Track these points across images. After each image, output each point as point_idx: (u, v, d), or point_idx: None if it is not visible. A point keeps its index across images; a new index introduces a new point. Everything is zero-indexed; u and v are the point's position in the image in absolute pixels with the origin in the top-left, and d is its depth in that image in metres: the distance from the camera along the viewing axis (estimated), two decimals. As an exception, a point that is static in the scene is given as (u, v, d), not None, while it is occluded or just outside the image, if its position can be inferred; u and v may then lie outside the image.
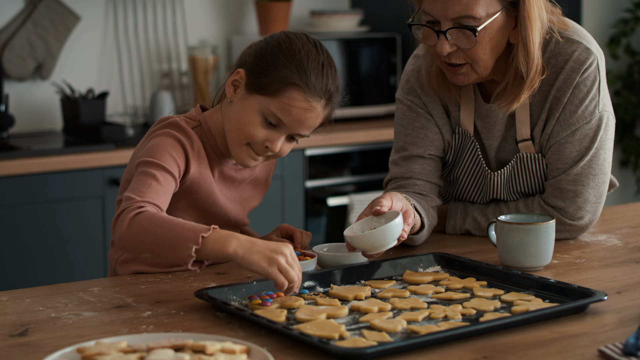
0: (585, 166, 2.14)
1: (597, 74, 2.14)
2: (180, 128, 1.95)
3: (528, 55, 2.06)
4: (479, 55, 2.05)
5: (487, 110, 2.19)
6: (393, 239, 1.88)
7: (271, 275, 1.68)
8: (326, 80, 1.92)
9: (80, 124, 3.71)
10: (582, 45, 2.14)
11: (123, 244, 1.79)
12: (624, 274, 1.93)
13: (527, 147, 2.18)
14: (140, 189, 1.83)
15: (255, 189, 2.10)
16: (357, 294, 1.76)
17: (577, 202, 2.15)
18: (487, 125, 2.20)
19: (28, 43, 3.85)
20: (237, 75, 1.95)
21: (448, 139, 2.22)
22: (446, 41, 2.03)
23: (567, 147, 2.14)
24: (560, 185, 2.15)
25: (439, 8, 2.02)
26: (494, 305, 1.71)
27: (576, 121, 2.14)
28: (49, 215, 3.39)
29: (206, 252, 1.71)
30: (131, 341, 1.50)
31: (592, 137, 2.15)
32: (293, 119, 1.91)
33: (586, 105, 2.14)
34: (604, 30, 4.98)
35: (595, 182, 2.16)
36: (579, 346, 1.52)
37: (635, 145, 4.94)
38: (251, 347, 1.46)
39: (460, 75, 2.09)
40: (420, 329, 1.58)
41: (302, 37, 1.95)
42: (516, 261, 1.95)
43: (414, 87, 2.24)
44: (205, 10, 4.26)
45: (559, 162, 2.15)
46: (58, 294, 1.82)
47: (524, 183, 2.20)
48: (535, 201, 2.19)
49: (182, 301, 1.77)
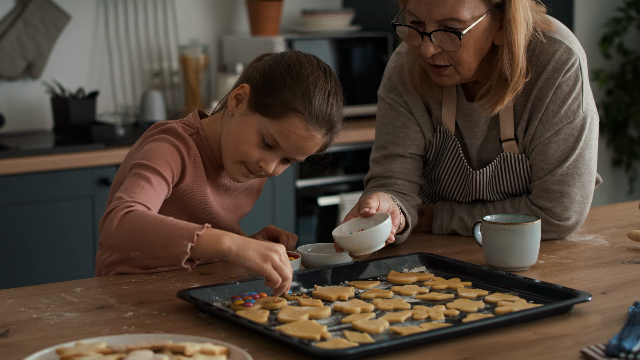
0: (571, 166, 2.14)
1: (579, 74, 2.13)
2: (177, 135, 1.93)
3: (513, 58, 2.05)
4: (463, 57, 2.04)
5: (470, 109, 2.18)
6: (381, 240, 1.88)
7: (265, 272, 1.67)
8: (330, 110, 1.90)
9: (70, 123, 3.70)
10: (564, 45, 2.13)
11: (112, 242, 1.77)
12: (610, 274, 1.92)
13: (511, 147, 2.17)
14: (132, 190, 1.81)
15: (248, 197, 2.09)
16: (341, 295, 1.76)
17: (563, 203, 2.14)
18: (469, 125, 2.19)
19: (18, 42, 3.84)
20: (241, 90, 1.93)
21: (429, 138, 2.22)
22: (430, 43, 2.02)
23: (552, 148, 2.14)
24: (546, 186, 2.15)
25: (424, 10, 2.00)
26: (477, 306, 1.70)
27: (559, 121, 2.13)
28: (38, 215, 3.38)
29: (200, 249, 1.70)
30: (111, 342, 1.49)
31: (576, 136, 2.14)
32: (291, 144, 1.89)
33: (569, 105, 2.13)
34: (596, 30, 4.97)
35: (581, 181, 2.15)
36: (561, 347, 1.51)
37: (627, 144, 4.93)
38: (231, 348, 1.45)
39: (444, 76, 2.08)
40: (402, 330, 1.57)
41: (312, 61, 1.93)
42: (502, 261, 1.94)
43: (395, 85, 2.23)
44: (196, 10, 4.25)
45: (544, 162, 2.15)
46: (41, 294, 1.81)
47: (508, 183, 2.19)
48: (522, 201, 2.18)
49: (164, 302, 1.76)
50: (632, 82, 4.87)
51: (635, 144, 4.94)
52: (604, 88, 4.99)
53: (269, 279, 1.67)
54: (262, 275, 1.68)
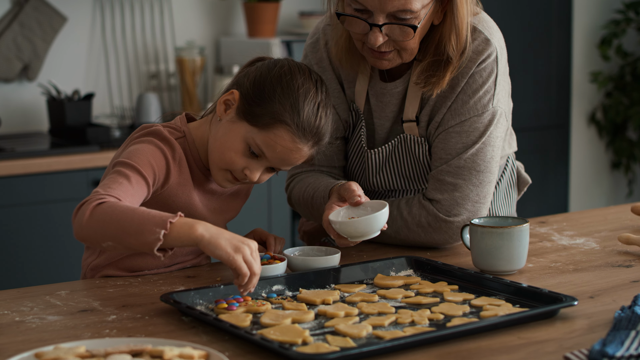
0: (469, 159, 2.06)
1: (494, 67, 2.07)
2: (163, 137, 1.92)
3: (459, 39, 2.00)
4: (410, 44, 1.99)
5: (383, 89, 2.12)
6: (378, 228, 1.89)
7: (235, 262, 1.65)
8: (318, 122, 1.89)
9: (66, 125, 3.69)
10: (483, 36, 2.06)
11: (84, 233, 1.75)
12: (599, 278, 1.91)
13: (411, 128, 2.10)
14: (109, 185, 1.80)
15: (235, 201, 2.08)
16: (325, 298, 1.74)
17: (454, 197, 2.05)
18: (381, 105, 2.12)
19: (14, 44, 3.83)
20: (230, 96, 1.92)
21: (345, 118, 2.16)
22: (380, 33, 1.95)
23: (454, 137, 2.06)
24: (440, 177, 2.07)
25: (375, 1, 1.93)
26: (462, 310, 1.69)
27: (467, 111, 2.06)
28: (33, 217, 3.38)
29: (173, 237, 1.68)
30: (91, 346, 1.48)
31: (481, 131, 2.06)
32: (277, 155, 1.88)
33: (480, 97, 2.06)
34: (595, 32, 4.96)
35: (478, 179, 2.06)
36: (544, 352, 1.50)
37: (626, 147, 4.92)
38: (210, 352, 1.44)
39: (385, 60, 2.02)
40: (385, 334, 1.56)
41: (305, 71, 1.91)
42: (490, 265, 1.93)
43: (311, 64, 2.17)
44: (193, 11, 4.24)
45: (443, 152, 2.07)
46: (25, 297, 1.80)
47: (406, 167, 2.12)
48: (416, 197, 2.10)
49: (148, 305, 1.75)
50: (631, 84, 4.85)
51: (634, 146, 4.92)
52: (603, 90, 4.97)
53: (237, 271, 1.65)
54: (231, 266, 1.66)
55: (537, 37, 4.61)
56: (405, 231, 2.09)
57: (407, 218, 2.08)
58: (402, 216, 2.08)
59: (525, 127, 4.44)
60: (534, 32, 4.60)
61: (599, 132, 4.99)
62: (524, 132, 4.21)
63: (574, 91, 4.90)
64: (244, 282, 1.66)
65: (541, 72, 4.65)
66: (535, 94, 4.64)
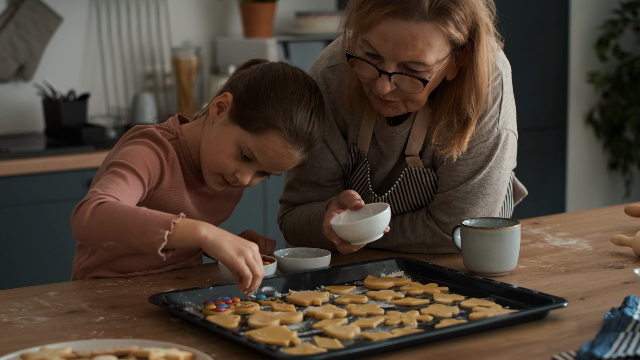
0: (476, 185, 2.04)
1: (499, 91, 2.03)
2: (156, 139, 1.92)
3: (479, 100, 1.95)
4: (418, 97, 1.93)
5: (392, 132, 2.07)
6: (380, 229, 1.88)
7: (238, 265, 1.65)
8: (311, 128, 1.88)
9: (61, 125, 3.69)
10: None
11: (84, 233, 1.73)
12: (590, 279, 1.90)
13: (415, 161, 2.07)
14: (106, 185, 1.80)
15: (227, 202, 2.07)
16: (314, 300, 1.74)
17: (461, 219, 2.02)
18: (391, 147, 2.08)
19: (10, 44, 3.83)
20: (223, 99, 1.92)
21: (345, 162, 2.11)
22: (388, 82, 1.89)
23: (460, 164, 2.04)
24: (448, 201, 2.05)
25: (388, 48, 1.86)
26: (452, 312, 1.68)
27: (472, 139, 2.02)
28: (27, 218, 3.37)
29: (177, 237, 1.68)
30: (78, 347, 1.47)
31: (487, 155, 2.04)
32: (268, 160, 1.88)
33: (484, 123, 2.02)
34: (592, 32, 4.95)
35: (485, 201, 2.06)
36: (533, 354, 1.49)
37: (624, 147, 4.91)
38: (196, 353, 1.44)
39: (389, 107, 1.96)
40: (373, 336, 1.55)
41: (299, 76, 1.90)
42: (481, 266, 1.92)
43: None
44: (189, 12, 4.24)
45: (450, 178, 2.05)
46: (14, 298, 1.80)
47: (415, 196, 2.09)
48: (420, 215, 2.08)
49: (137, 306, 1.74)
50: (629, 84, 4.85)
51: (631, 147, 4.91)
52: (600, 90, 4.97)
53: (240, 273, 1.65)
54: (234, 269, 1.66)
55: (534, 37, 4.60)
56: (407, 248, 2.09)
57: (410, 237, 2.08)
58: (405, 234, 2.08)
59: (523, 127, 4.41)
60: (531, 32, 4.59)
61: (597, 132, 4.98)
62: (521, 132, 4.20)
63: (571, 91, 4.89)
64: (247, 285, 1.66)
65: (538, 72, 4.65)
66: (532, 95, 4.63)
